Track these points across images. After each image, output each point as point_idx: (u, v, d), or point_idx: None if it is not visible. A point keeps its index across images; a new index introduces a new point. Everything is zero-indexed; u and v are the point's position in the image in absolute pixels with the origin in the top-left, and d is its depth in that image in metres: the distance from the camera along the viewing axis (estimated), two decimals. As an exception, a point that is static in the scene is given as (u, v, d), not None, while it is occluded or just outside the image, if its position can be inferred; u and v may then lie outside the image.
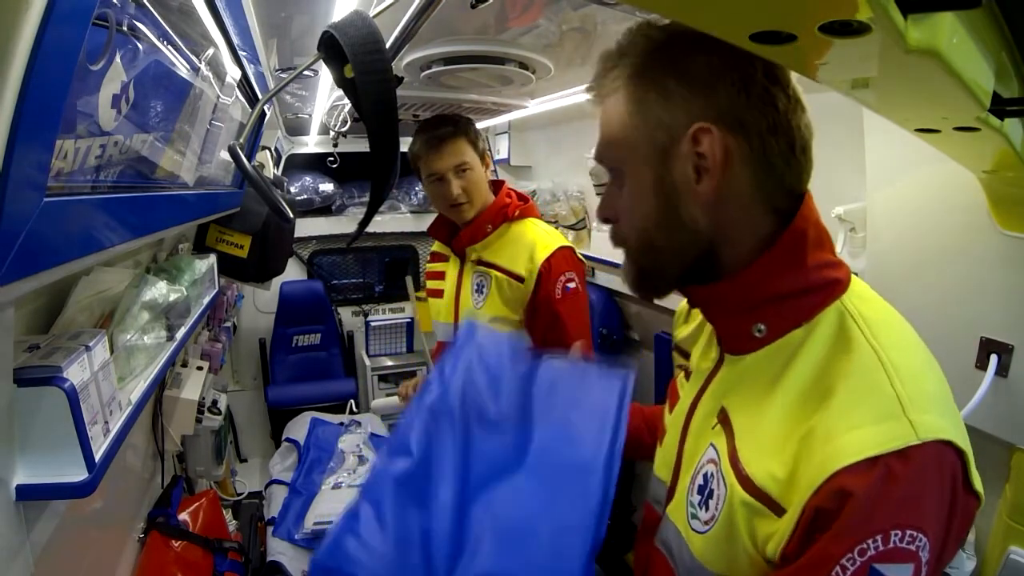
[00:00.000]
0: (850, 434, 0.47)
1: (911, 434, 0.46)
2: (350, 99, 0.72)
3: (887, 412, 0.47)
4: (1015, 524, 0.93)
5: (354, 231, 0.92)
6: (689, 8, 0.39)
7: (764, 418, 0.55)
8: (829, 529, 0.45)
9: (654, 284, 0.65)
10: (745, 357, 0.61)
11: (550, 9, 1.03)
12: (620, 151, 0.63)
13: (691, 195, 0.59)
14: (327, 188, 3.40)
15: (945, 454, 0.47)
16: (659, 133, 0.59)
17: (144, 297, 1.01)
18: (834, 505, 0.45)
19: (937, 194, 1.03)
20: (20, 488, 0.66)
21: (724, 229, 0.59)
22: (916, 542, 0.44)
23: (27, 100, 0.43)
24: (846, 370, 0.51)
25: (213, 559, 1.45)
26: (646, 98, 0.60)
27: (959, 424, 0.50)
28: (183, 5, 0.80)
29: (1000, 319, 0.95)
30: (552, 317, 1.43)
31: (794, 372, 0.55)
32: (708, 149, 0.57)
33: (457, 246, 1.53)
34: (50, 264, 0.56)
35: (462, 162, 1.44)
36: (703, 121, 0.57)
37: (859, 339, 0.53)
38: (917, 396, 0.48)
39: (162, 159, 0.89)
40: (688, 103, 0.58)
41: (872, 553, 0.44)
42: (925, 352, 0.57)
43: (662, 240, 0.61)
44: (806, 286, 0.57)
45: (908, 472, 0.45)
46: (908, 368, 0.51)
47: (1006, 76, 0.54)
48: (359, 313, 3.66)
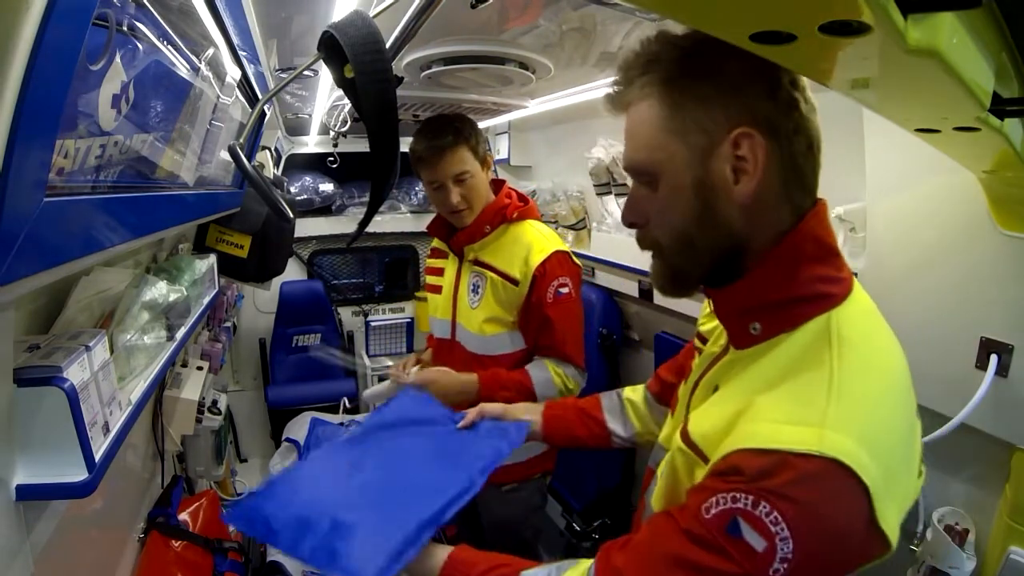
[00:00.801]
0: (767, 424, 0.53)
1: (815, 444, 0.49)
2: (350, 99, 0.72)
3: (807, 419, 0.52)
4: (1015, 524, 0.93)
5: (354, 231, 0.92)
6: (689, 8, 0.39)
7: (722, 396, 0.64)
8: (722, 475, 0.54)
9: (685, 283, 0.70)
10: (744, 350, 0.66)
11: (550, 9, 1.03)
12: (657, 155, 0.64)
13: (729, 196, 0.62)
14: (327, 188, 3.40)
15: (840, 479, 0.49)
16: (698, 137, 0.62)
17: (144, 297, 1.01)
18: (728, 471, 0.53)
19: (937, 194, 1.03)
20: (20, 488, 0.66)
21: (754, 227, 0.63)
22: (779, 531, 0.49)
23: (27, 100, 0.43)
24: (799, 376, 0.57)
25: (213, 559, 1.45)
26: (683, 103, 0.61)
27: (881, 463, 0.50)
28: (183, 5, 0.80)
29: (1000, 319, 0.95)
30: (543, 320, 1.43)
31: (766, 362, 0.61)
32: (748, 152, 0.60)
33: (455, 245, 1.53)
34: (50, 264, 0.56)
35: (462, 171, 1.42)
36: (742, 125, 0.59)
37: (824, 356, 0.57)
38: (844, 419, 0.51)
39: (162, 159, 0.88)
40: (726, 107, 0.60)
41: (739, 506, 0.51)
42: (889, 387, 0.58)
43: (700, 239, 0.65)
44: (795, 297, 0.62)
45: (797, 471, 0.49)
46: (853, 395, 0.54)
47: (1006, 76, 0.54)
48: (359, 313, 3.66)
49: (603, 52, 1.27)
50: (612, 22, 1.08)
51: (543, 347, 1.46)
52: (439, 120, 1.46)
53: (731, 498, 0.51)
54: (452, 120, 1.45)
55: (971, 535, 1.03)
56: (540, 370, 1.42)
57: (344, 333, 3.60)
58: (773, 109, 0.60)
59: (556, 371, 1.42)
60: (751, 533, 0.50)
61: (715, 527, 0.52)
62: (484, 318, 1.47)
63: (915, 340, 1.12)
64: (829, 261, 0.64)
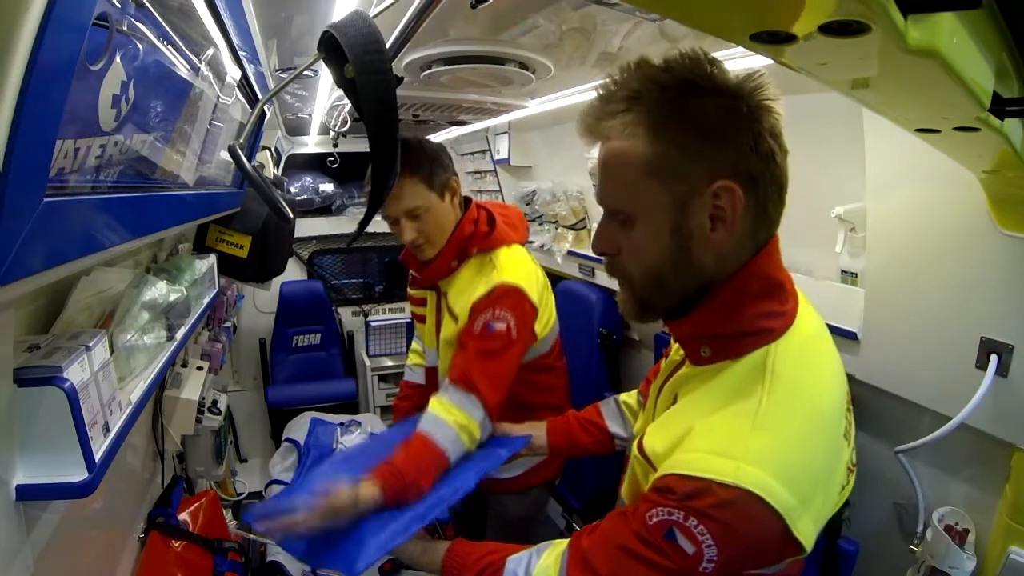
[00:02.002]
0: (697, 454, 0.61)
1: (732, 476, 0.58)
2: (350, 99, 0.72)
3: (729, 451, 0.59)
4: (1015, 524, 0.93)
5: (354, 231, 0.92)
6: (689, 8, 0.39)
7: (674, 413, 0.71)
8: (659, 492, 0.63)
9: (651, 313, 0.74)
10: (697, 367, 0.72)
11: (550, 9, 1.03)
12: (636, 199, 0.66)
13: (705, 242, 0.65)
14: (327, 188, 3.40)
15: (753, 505, 0.57)
16: (680, 185, 0.63)
17: (144, 297, 1.01)
18: (663, 490, 0.63)
19: (937, 194, 1.03)
20: (20, 488, 0.66)
21: (720, 267, 0.67)
22: (705, 541, 0.59)
23: (27, 100, 0.43)
24: (732, 406, 0.63)
25: (213, 559, 1.45)
26: (667, 151, 0.63)
27: (796, 491, 0.58)
28: (183, 5, 0.80)
29: (1000, 319, 0.95)
30: (461, 347, 1.28)
31: (708, 390, 0.68)
32: (727, 204, 0.62)
33: (426, 281, 1.43)
34: (50, 264, 0.56)
35: (414, 206, 1.29)
36: (723, 177, 0.62)
37: (756, 390, 0.63)
38: (762, 453, 0.59)
39: (162, 159, 0.88)
40: (710, 159, 0.62)
41: (674, 519, 0.60)
42: (813, 418, 0.64)
43: (671, 279, 0.68)
44: (739, 331, 0.67)
45: (717, 498, 0.58)
46: (774, 429, 0.61)
47: (1006, 76, 0.54)
48: (359, 313, 3.66)
49: (603, 52, 1.27)
50: (612, 22, 1.08)
51: (452, 367, 1.26)
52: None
53: (667, 512, 0.61)
54: (402, 149, 1.27)
55: (971, 535, 1.03)
56: (442, 429, 1.14)
57: (344, 333, 3.60)
58: (754, 161, 0.62)
59: (459, 421, 1.16)
60: (684, 540, 0.60)
61: (656, 532, 0.62)
62: (445, 359, 1.40)
63: (915, 340, 1.12)
64: (774, 295, 0.68)
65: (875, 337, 1.21)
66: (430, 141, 1.37)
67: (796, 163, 0.67)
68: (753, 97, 0.63)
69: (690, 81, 0.62)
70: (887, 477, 1.20)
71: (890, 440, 1.17)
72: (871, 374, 1.23)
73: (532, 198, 2.84)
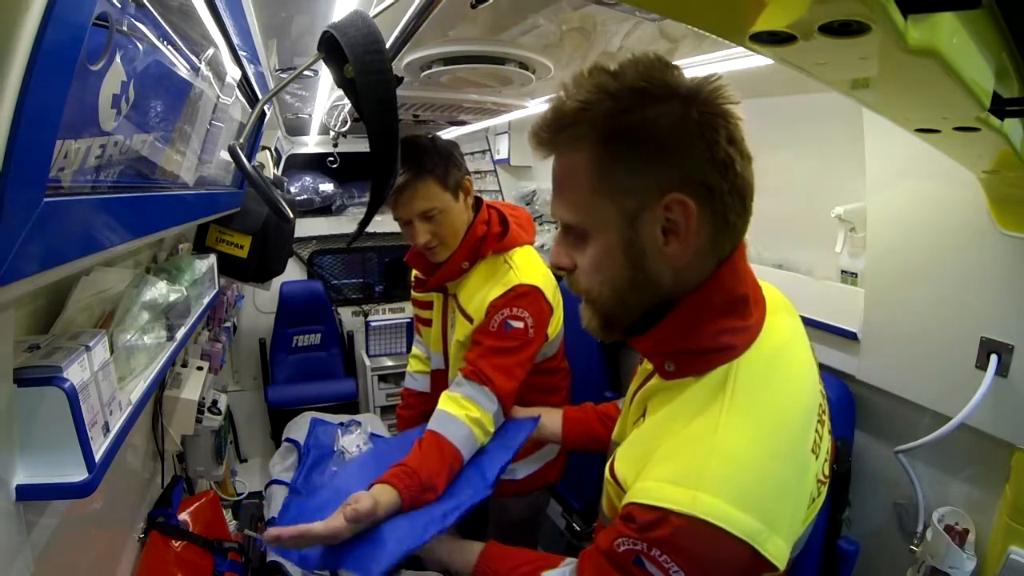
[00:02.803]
0: (654, 483, 0.60)
1: (688, 505, 0.56)
2: (350, 99, 0.72)
3: (683, 478, 0.58)
4: (1015, 524, 0.93)
5: (354, 231, 0.92)
6: (689, 8, 0.39)
7: (642, 434, 0.69)
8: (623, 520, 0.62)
9: (615, 329, 0.72)
10: (665, 381, 0.70)
11: (550, 9, 1.03)
12: (586, 214, 0.64)
13: (659, 256, 0.63)
14: (327, 188, 3.40)
15: (711, 532, 0.56)
16: (629, 200, 0.61)
17: (144, 297, 1.01)
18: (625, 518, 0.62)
19: (937, 194, 1.03)
20: (20, 488, 0.66)
21: (680, 282, 0.65)
22: (671, 566, 0.58)
23: (27, 100, 0.43)
24: (690, 428, 0.62)
25: (213, 559, 1.45)
26: (616, 166, 0.61)
27: (759, 514, 0.57)
28: (183, 5, 0.80)
29: (1000, 319, 0.95)
30: (474, 344, 1.27)
31: (671, 409, 0.66)
32: (680, 216, 0.60)
33: (435, 283, 1.41)
34: (50, 264, 0.56)
35: (428, 208, 1.27)
36: (674, 189, 0.59)
37: (714, 412, 0.61)
38: (718, 479, 0.57)
39: (162, 159, 0.88)
40: (660, 172, 0.60)
41: (639, 548, 0.60)
42: (773, 439, 0.61)
43: (629, 296, 0.66)
44: (701, 348, 0.65)
45: (673, 527, 0.57)
46: (732, 453, 0.59)
47: (1006, 76, 0.54)
48: (359, 313, 3.66)
49: (603, 52, 1.27)
50: (612, 22, 1.08)
51: (465, 360, 1.25)
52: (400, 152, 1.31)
53: (632, 541, 0.60)
54: (414, 149, 1.26)
55: (971, 535, 1.03)
56: (454, 425, 1.14)
57: (344, 333, 3.60)
58: (709, 171, 0.60)
59: (471, 416, 1.15)
60: (652, 567, 0.59)
61: (625, 559, 0.61)
62: (456, 360, 1.39)
63: (915, 340, 1.12)
64: (736, 311, 0.66)
65: (875, 337, 1.21)
66: (442, 139, 1.34)
67: (796, 163, 0.67)
68: (708, 103, 0.60)
69: (640, 89, 0.60)
70: (887, 477, 1.20)
71: (890, 440, 1.17)
72: (871, 374, 1.23)
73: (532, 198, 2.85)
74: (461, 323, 1.36)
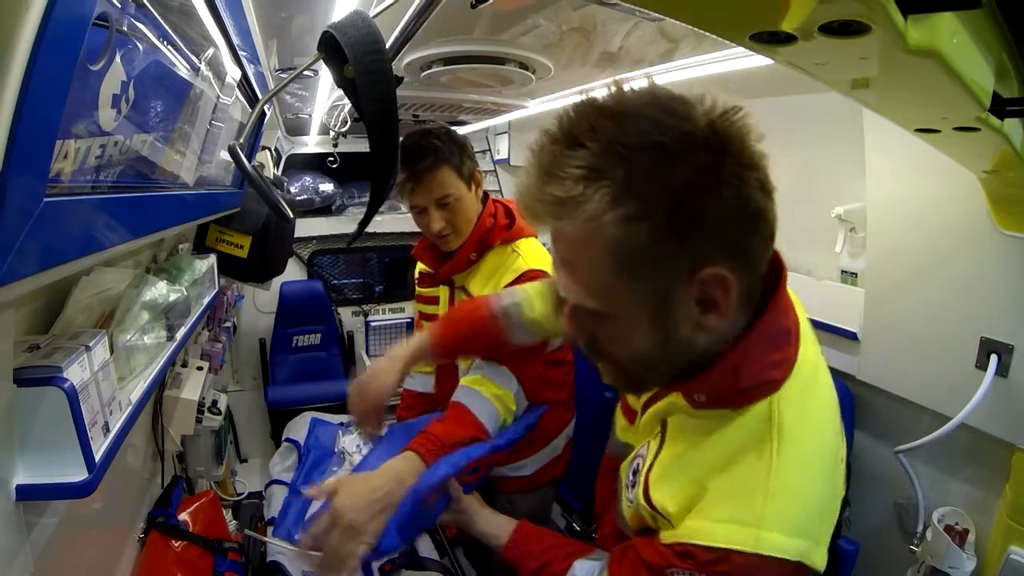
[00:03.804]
0: (713, 524, 0.59)
1: (751, 544, 0.57)
2: (350, 99, 0.72)
3: (745, 519, 0.58)
4: (1015, 524, 0.93)
5: (354, 231, 0.92)
6: (689, 8, 0.39)
7: (679, 459, 0.66)
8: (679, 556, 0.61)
9: (643, 388, 0.72)
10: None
11: (550, 9, 1.03)
12: (608, 299, 0.57)
13: (693, 328, 0.57)
14: (327, 188, 3.40)
15: (776, 565, 0.57)
16: (660, 280, 0.54)
17: (144, 297, 1.01)
18: (683, 556, 0.61)
19: (937, 194, 1.03)
20: (20, 488, 0.66)
21: (714, 341, 0.61)
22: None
23: (27, 100, 0.43)
24: (741, 465, 0.61)
25: (213, 559, 1.45)
26: (643, 246, 0.52)
27: (810, 535, 0.59)
28: (183, 5, 0.80)
29: (1000, 319, 0.95)
30: None
31: (715, 440, 0.63)
32: (718, 292, 0.54)
33: (443, 276, 1.43)
34: (50, 264, 0.56)
35: (445, 195, 1.30)
36: (710, 264, 0.52)
37: (765, 449, 0.60)
38: (777, 518, 0.58)
39: (162, 159, 0.88)
40: (691, 244, 0.52)
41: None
42: (822, 464, 0.62)
43: (659, 362, 0.62)
44: (743, 387, 0.62)
45: (735, 564, 0.57)
46: (788, 490, 0.59)
47: (1006, 76, 0.54)
48: (359, 313, 3.66)
49: (603, 52, 1.27)
50: (612, 22, 1.08)
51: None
52: (417, 139, 1.30)
53: (689, 573, 0.60)
54: (432, 138, 1.29)
55: (971, 535, 1.03)
56: (477, 398, 1.15)
57: (344, 333, 3.60)
58: (743, 231, 0.53)
59: (493, 392, 1.17)
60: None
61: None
62: None
63: (915, 340, 1.12)
64: (779, 345, 0.62)
65: (875, 337, 1.21)
66: (455, 131, 1.35)
67: (796, 163, 0.67)
68: (739, 154, 0.51)
69: (659, 146, 0.50)
70: (887, 477, 1.20)
71: (890, 440, 1.17)
72: (871, 374, 1.23)
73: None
74: None
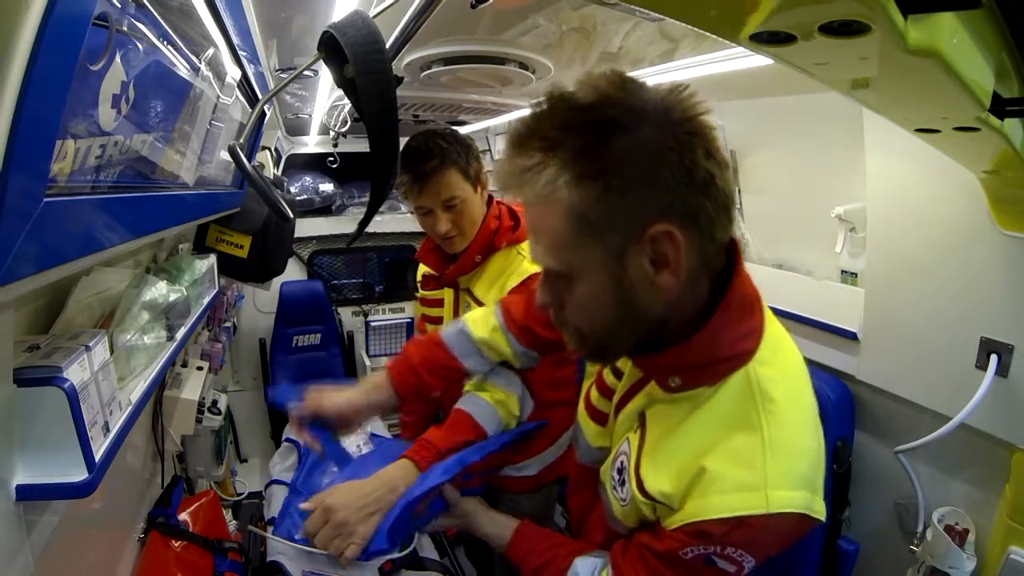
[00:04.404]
0: (720, 496, 0.61)
1: (763, 506, 0.59)
2: (350, 99, 0.72)
3: (751, 484, 0.60)
4: (1015, 524, 0.93)
5: (354, 231, 0.92)
6: (689, 8, 0.39)
7: (666, 446, 0.68)
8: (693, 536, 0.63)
9: (608, 358, 0.74)
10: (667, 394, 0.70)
11: (550, 9, 1.03)
12: (568, 258, 0.62)
13: (650, 288, 0.61)
14: (327, 188, 3.40)
15: (785, 520, 0.60)
16: (613, 237, 0.59)
17: (144, 297, 1.01)
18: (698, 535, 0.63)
19: (937, 194, 1.03)
20: (20, 488, 0.66)
21: (673, 309, 0.64)
22: (744, 560, 0.62)
23: (27, 100, 0.43)
24: (734, 438, 0.63)
25: (213, 559, 1.45)
26: (594, 205, 0.58)
27: (810, 486, 0.62)
28: (183, 5, 0.80)
29: (1000, 319, 0.95)
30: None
31: (697, 420, 0.66)
32: (667, 247, 0.58)
33: (447, 279, 1.43)
34: (50, 264, 0.56)
35: (451, 196, 1.29)
36: (659, 221, 0.57)
37: (752, 418, 0.63)
38: (780, 475, 0.60)
39: (162, 159, 0.88)
40: (640, 204, 0.57)
41: (712, 551, 0.62)
42: (807, 419, 0.66)
43: (621, 330, 0.65)
44: (716, 359, 0.65)
45: (753, 528, 0.60)
46: (785, 447, 0.62)
47: (1006, 76, 0.54)
48: (359, 313, 3.66)
49: (603, 52, 1.27)
50: (612, 22, 1.08)
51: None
52: (423, 140, 1.30)
53: (703, 547, 0.63)
54: (438, 139, 1.28)
55: (971, 535, 1.03)
56: (477, 403, 1.15)
57: (344, 333, 3.60)
58: (690, 194, 0.57)
59: (495, 397, 1.16)
60: (724, 563, 0.62)
61: (696, 563, 0.64)
62: None
63: (915, 340, 1.12)
64: (748, 314, 0.66)
65: (875, 337, 1.21)
66: (460, 132, 1.35)
67: (796, 163, 0.67)
68: (681, 122, 0.57)
69: (606, 120, 0.56)
70: (887, 477, 1.20)
71: (890, 440, 1.17)
72: (871, 374, 1.23)
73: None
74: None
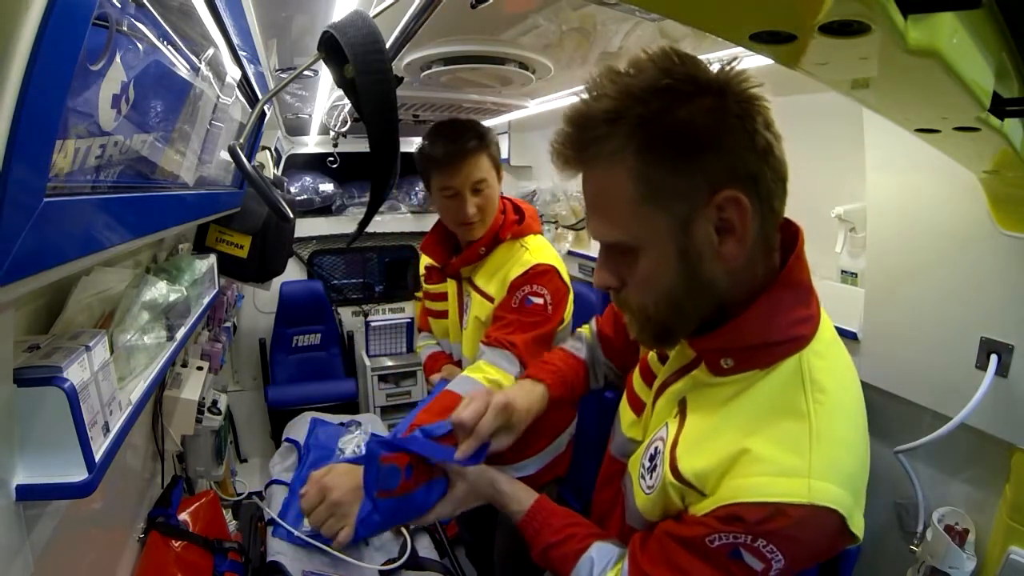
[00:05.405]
0: (760, 478, 0.58)
1: (804, 495, 0.56)
2: (350, 99, 0.72)
3: (795, 470, 0.58)
4: (1015, 524, 0.93)
5: (354, 231, 0.92)
6: (689, 8, 0.39)
7: (708, 427, 0.65)
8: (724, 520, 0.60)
9: (670, 339, 0.70)
10: (716, 377, 0.68)
11: (550, 9, 1.03)
12: (633, 229, 0.61)
13: (715, 258, 0.61)
14: (327, 188, 3.40)
15: (824, 516, 0.57)
16: (680, 205, 0.59)
17: (144, 297, 1.01)
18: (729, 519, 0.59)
19: (937, 194, 1.03)
20: (20, 488, 0.66)
21: (736, 281, 0.63)
22: (774, 556, 0.58)
23: (27, 100, 0.43)
24: (780, 423, 0.60)
25: (213, 559, 1.45)
26: (660, 172, 0.58)
27: (853, 490, 0.59)
28: (183, 5, 0.80)
29: (1000, 319, 0.95)
30: (496, 321, 1.30)
31: (745, 402, 0.63)
32: (734, 214, 0.58)
33: (451, 269, 1.46)
34: (50, 264, 0.56)
35: (481, 179, 1.32)
36: (725, 187, 0.57)
37: (800, 404, 0.61)
38: (825, 466, 0.58)
39: (162, 159, 0.88)
40: (706, 170, 0.57)
41: (741, 541, 0.58)
42: (857, 418, 0.64)
43: (686, 303, 0.64)
44: (771, 342, 0.63)
45: (791, 518, 0.56)
46: (831, 440, 0.59)
47: (1006, 76, 0.54)
48: (359, 313, 3.66)
49: (603, 52, 1.27)
50: (612, 22, 1.08)
51: (486, 336, 1.29)
52: (459, 122, 1.35)
53: (733, 536, 0.59)
54: (473, 124, 1.35)
55: (971, 535, 1.03)
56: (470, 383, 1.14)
57: (344, 333, 3.60)
58: (753, 160, 0.58)
59: (489, 377, 1.16)
60: (751, 558, 0.58)
61: (720, 553, 0.60)
62: (473, 339, 1.42)
63: (915, 340, 1.12)
64: (804, 301, 0.66)
65: (875, 337, 1.21)
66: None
67: (796, 163, 0.67)
68: (740, 93, 0.58)
69: (667, 88, 0.57)
70: (887, 477, 1.20)
71: (890, 440, 1.17)
72: (871, 374, 1.23)
73: (532, 198, 2.84)
74: (479, 302, 1.39)
